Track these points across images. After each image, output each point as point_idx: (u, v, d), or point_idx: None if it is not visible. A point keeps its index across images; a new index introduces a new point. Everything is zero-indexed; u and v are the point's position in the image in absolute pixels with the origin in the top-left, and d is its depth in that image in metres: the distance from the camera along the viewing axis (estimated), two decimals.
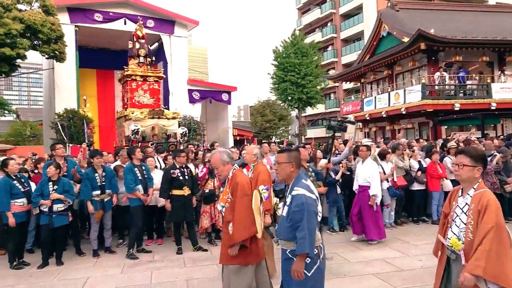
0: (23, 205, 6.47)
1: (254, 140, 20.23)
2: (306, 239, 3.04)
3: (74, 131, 15.65)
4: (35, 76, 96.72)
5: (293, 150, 3.55)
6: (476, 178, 2.91)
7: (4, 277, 5.88)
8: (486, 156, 3.10)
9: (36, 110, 41.48)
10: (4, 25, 13.99)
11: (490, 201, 2.75)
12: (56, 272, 6.00)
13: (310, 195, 3.18)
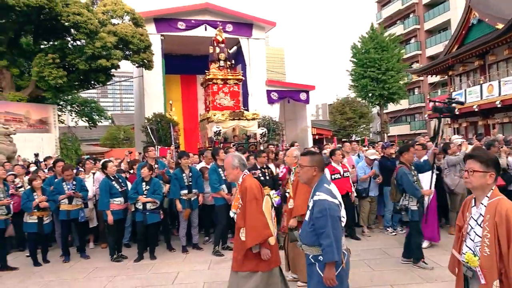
0: (121, 203, 7.05)
1: (333, 139, 19.91)
2: (333, 246, 2.97)
3: (162, 134, 16.67)
4: (126, 84, 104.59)
5: (316, 154, 3.47)
6: (489, 184, 2.62)
7: (106, 268, 6.47)
8: (498, 160, 2.75)
9: (128, 115, 44.87)
10: (101, 39, 15.34)
11: (510, 211, 2.45)
12: (150, 266, 6.45)
13: (333, 200, 3.11)
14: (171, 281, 5.68)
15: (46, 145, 16.34)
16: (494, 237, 2.47)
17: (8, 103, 15.67)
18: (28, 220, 6.94)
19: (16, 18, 15.35)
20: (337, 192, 3.25)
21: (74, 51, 16.17)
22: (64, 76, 15.58)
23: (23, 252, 7.77)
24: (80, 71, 16.26)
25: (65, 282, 5.95)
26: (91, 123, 24.47)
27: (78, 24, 15.13)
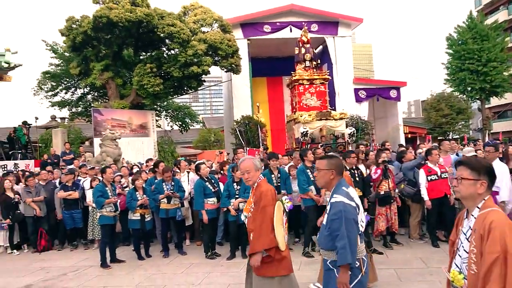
0: (214, 203, 7.38)
1: (427, 138, 18.75)
2: (347, 248, 2.84)
3: (250, 136, 17.08)
4: (215, 88, 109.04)
5: (334, 157, 3.35)
6: (480, 194, 2.32)
7: (201, 265, 6.82)
8: (492, 167, 2.39)
9: (218, 118, 46.75)
10: (192, 47, 16.21)
11: (494, 223, 2.13)
12: (242, 264, 6.64)
13: (350, 202, 2.98)
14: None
15: (146, 148, 17.69)
16: (479, 252, 2.17)
17: (113, 111, 17.27)
18: (132, 217, 7.59)
19: (119, 33, 16.84)
20: (356, 195, 3.12)
21: (169, 60, 17.28)
22: (161, 84, 16.74)
23: (128, 247, 8.50)
24: (174, 79, 17.32)
25: (166, 275, 6.38)
26: (184, 127, 25.92)
27: (172, 35, 16.14)
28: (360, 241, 3.07)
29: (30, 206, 8.80)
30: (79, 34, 16.62)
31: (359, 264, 3.02)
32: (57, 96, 23.36)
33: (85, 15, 16.91)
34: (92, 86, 19.52)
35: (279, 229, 3.61)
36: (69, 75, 21.48)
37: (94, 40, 17.32)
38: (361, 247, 3.07)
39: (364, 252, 3.12)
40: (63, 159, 14.23)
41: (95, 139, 16.17)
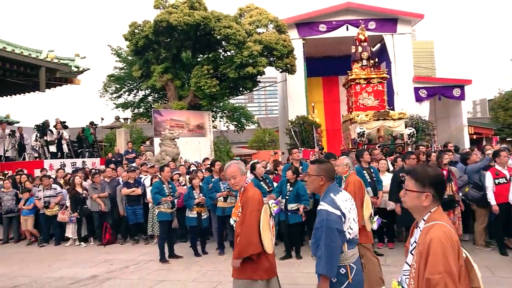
0: None
1: (494, 139, 17.59)
2: (323, 258, 2.80)
3: (305, 136, 16.98)
4: (270, 88, 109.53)
5: (325, 162, 3.29)
6: (425, 207, 2.20)
7: None
8: (439, 178, 2.26)
9: (272, 119, 46.94)
10: (248, 48, 16.42)
11: (433, 242, 2.00)
12: (296, 265, 6.64)
13: (334, 211, 2.90)
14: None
15: (202, 148, 18.16)
16: (418, 270, 2.06)
17: (172, 111, 17.91)
18: (189, 215, 7.83)
19: (178, 36, 17.44)
20: (344, 202, 3.01)
21: (225, 61, 17.62)
22: (217, 85, 17.12)
23: (186, 243, 8.76)
24: (230, 79, 17.64)
25: (221, 272, 6.51)
26: (240, 127, 26.28)
27: (228, 36, 16.44)
28: (350, 248, 3.00)
29: (96, 202, 9.35)
30: (141, 39, 17.41)
31: (345, 271, 2.95)
32: (121, 98, 24.66)
33: (146, 20, 17.69)
34: (153, 88, 20.35)
35: (265, 233, 3.63)
36: (132, 78, 22.58)
37: (155, 43, 18.06)
38: (350, 254, 2.99)
39: (354, 259, 3.02)
40: (126, 157, 14.95)
41: (155, 139, 16.85)
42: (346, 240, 2.98)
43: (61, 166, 13.37)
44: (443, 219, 2.18)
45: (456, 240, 2.05)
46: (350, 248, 3.01)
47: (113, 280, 6.50)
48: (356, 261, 3.06)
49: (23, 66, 14.69)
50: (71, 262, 7.84)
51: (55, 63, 15.59)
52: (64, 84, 17.69)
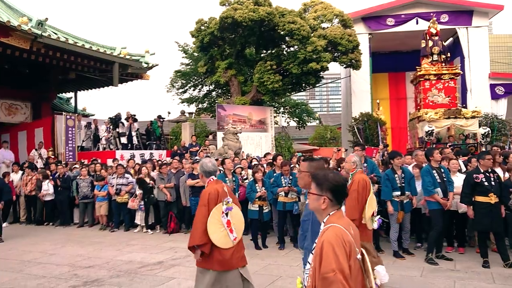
0: None
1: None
2: (309, 250, 2.79)
3: (369, 134, 16.53)
4: (332, 85, 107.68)
5: (315, 160, 3.48)
6: (324, 210, 2.34)
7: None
8: (338, 183, 2.35)
9: (334, 115, 46.17)
10: (312, 43, 16.27)
11: (325, 243, 2.12)
12: None
13: None
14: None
15: (263, 143, 18.30)
16: (314, 268, 2.18)
17: (235, 106, 18.22)
18: (251, 208, 7.93)
19: (242, 32, 17.68)
20: None
21: (288, 57, 17.58)
22: (280, 81, 17.15)
23: (246, 236, 8.89)
24: (293, 75, 17.59)
25: (281, 267, 6.53)
26: (301, 123, 26.14)
27: (292, 32, 16.39)
28: None
29: (162, 192, 9.77)
30: (207, 35, 17.88)
31: None
32: (186, 93, 25.55)
33: (212, 17, 18.12)
34: (217, 83, 20.83)
35: (213, 228, 3.99)
36: (197, 74, 23.29)
37: (220, 40, 18.46)
38: None
39: None
40: (190, 150, 15.46)
41: (218, 133, 17.26)
42: None
43: (130, 156, 14.11)
44: (340, 222, 2.25)
45: (348, 241, 2.14)
46: None
47: (178, 267, 6.76)
48: None
49: (99, 62, 15.69)
50: (139, 248, 8.27)
51: (127, 59, 16.47)
52: (135, 79, 18.67)
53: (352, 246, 2.14)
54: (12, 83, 15.93)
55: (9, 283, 6.02)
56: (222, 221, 4.07)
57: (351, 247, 2.13)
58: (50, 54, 13.91)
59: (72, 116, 15.68)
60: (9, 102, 16.31)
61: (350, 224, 2.31)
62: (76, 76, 16.76)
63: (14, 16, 13.50)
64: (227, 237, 4.09)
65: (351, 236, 2.18)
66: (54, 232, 10.50)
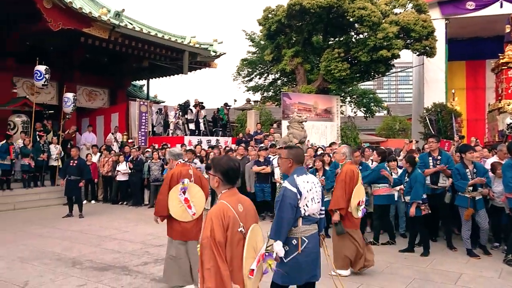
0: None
1: None
2: (274, 226, 3.32)
3: (442, 125, 15.62)
4: (401, 74, 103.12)
5: (294, 148, 3.81)
6: (217, 188, 2.73)
7: (381, 253, 6.61)
8: (229, 168, 2.68)
9: (403, 106, 44.25)
10: (383, 30, 15.60)
11: (207, 216, 2.54)
12: (428, 261, 6.20)
13: (291, 188, 3.35)
14: (453, 281, 5.29)
15: (329, 133, 17.99)
16: None
17: (301, 95, 18.07)
18: None
19: (310, 19, 17.39)
20: (305, 183, 3.39)
21: (357, 44, 17.02)
22: (348, 69, 16.68)
23: None
24: (362, 63, 17.03)
25: None
26: (369, 113, 25.35)
27: (362, 18, 15.80)
28: (304, 223, 3.38)
29: None
30: (274, 23, 17.82)
31: (296, 242, 3.36)
32: (252, 81, 25.74)
33: (280, 4, 18.01)
34: (283, 72, 20.74)
35: (172, 203, 4.88)
36: (263, 62, 23.34)
37: (287, 27, 18.31)
38: (303, 228, 3.38)
39: (307, 234, 3.39)
40: (255, 138, 15.62)
41: (283, 121, 17.24)
42: (301, 216, 3.38)
43: (198, 142, 14.57)
44: (229, 199, 2.61)
45: (229, 215, 2.49)
46: (305, 223, 3.41)
47: None
48: (310, 236, 3.42)
49: (170, 50, 16.29)
50: None
51: (196, 47, 16.95)
52: (203, 67, 19.17)
53: (232, 219, 2.49)
54: (93, 71, 17.05)
55: (89, 255, 6.52)
56: (180, 198, 4.86)
57: (230, 220, 2.48)
58: (126, 43, 14.67)
59: (145, 102, 16.51)
60: (90, 89, 17.49)
61: (239, 202, 2.63)
62: (149, 64, 17.56)
63: (95, 7, 14.35)
64: (185, 212, 4.89)
65: (235, 212, 2.53)
66: (127, 211, 11.19)
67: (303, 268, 3.39)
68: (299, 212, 3.35)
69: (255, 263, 2.58)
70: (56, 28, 11.89)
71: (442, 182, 7.11)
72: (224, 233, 2.44)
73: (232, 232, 2.48)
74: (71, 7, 12.05)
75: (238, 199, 2.67)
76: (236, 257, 2.51)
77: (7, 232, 8.30)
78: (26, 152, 11.81)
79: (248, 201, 2.76)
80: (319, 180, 7.56)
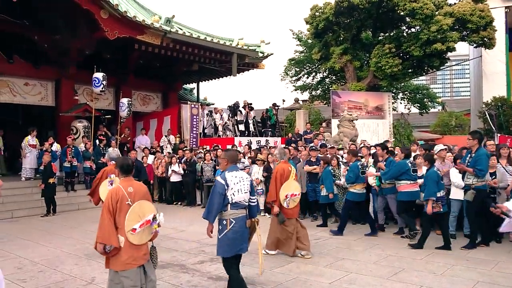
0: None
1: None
2: (206, 209, 4.47)
3: (503, 120, 14.78)
4: (457, 68, 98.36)
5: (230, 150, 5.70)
6: (119, 177, 4.36)
7: (441, 255, 6.36)
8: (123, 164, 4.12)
9: (459, 101, 42.17)
10: (436, 23, 14.97)
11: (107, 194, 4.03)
12: (493, 263, 5.89)
13: (221, 181, 4.41)
14: None
15: (381, 130, 17.55)
16: None
17: (350, 93, 17.76)
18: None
19: (358, 16, 17.08)
20: (233, 178, 4.42)
21: (409, 38, 16.45)
22: (399, 64, 16.18)
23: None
24: (414, 58, 16.46)
25: (403, 259, 6.23)
26: (423, 110, 24.42)
27: (414, 11, 15.28)
28: (232, 208, 4.40)
29: None
30: (322, 21, 17.64)
31: (226, 223, 4.41)
32: (300, 80, 25.66)
33: (327, 2, 17.80)
34: (331, 70, 20.49)
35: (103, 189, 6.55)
36: (311, 61, 23.18)
37: (335, 25, 18.07)
38: (230, 212, 4.41)
39: (234, 217, 4.41)
40: (304, 138, 15.55)
41: (332, 120, 17.04)
42: (229, 202, 4.39)
43: (248, 143, 14.72)
44: (123, 183, 3.95)
45: (118, 193, 3.85)
46: (233, 208, 4.42)
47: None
48: (237, 218, 4.43)
49: (219, 53, 16.58)
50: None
51: (244, 49, 17.12)
52: (251, 68, 19.33)
53: (121, 196, 3.82)
54: (146, 76, 17.72)
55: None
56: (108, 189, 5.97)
57: (119, 196, 3.82)
58: (177, 48, 15.11)
59: (196, 105, 16.91)
60: (144, 93, 18.19)
61: (130, 186, 3.93)
62: (199, 68, 17.97)
63: (147, 15, 14.92)
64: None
65: (124, 191, 3.85)
66: (181, 211, 11.53)
67: (232, 242, 4.41)
68: (227, 199, 4.38)
69: (138, 225, 3.80)
70: (113, 36, 12.49)
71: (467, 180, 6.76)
72: (115, 204, 3.80)
73: (121, 204, 3.80)
74: (126, 16, 12.60)
75: (130, 184, 3.96)
76: (123, 219, 3.78)
77: (74, 231, 8.84)
78: (88, 155, 12.51)
79: (140, 186, 4.05)
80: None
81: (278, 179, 6.41)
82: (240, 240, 4.45)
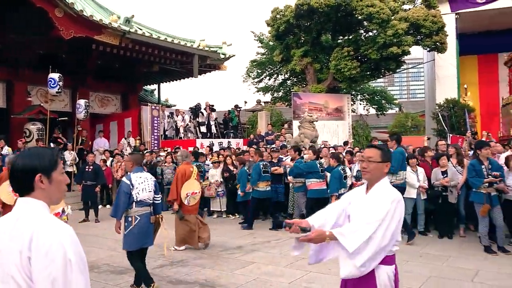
0: None
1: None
2: (113, 207, 4.97)
3: (455, 121, 15.50)
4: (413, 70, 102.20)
5: (134, 154, 6.26)
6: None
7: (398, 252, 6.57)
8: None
9: (415, 102, 43.85)
10: (392, 27, 15.49)
11: None
12: (444, 258, 6.16)
13: (126, 181, 4.80)
14: (470, 278, 5.25)
15: (340, 131, 17.94)
16: None
17: (311, 94, 18.06)
18: None
19: (318, 19, 17.38)
20: (137, 178, 4.84)
21: (367, 42, 16.93)
22: (357, 67, 16.60)
23: None
24: (372, 61, 16.95)
25: None
26: (381, 111, 25.20)
27: (371, 15, 15.73)
28: (137, 206, 4.80)
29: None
30: (282, 24, 17.84)
31: (131, 219, 4.80)
32: (262, 82, 25.82)
33: (288, 5, 18.02)
34: (292, 72, 20.76)
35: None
36: (272, 63, 23.40)
37: (295, 28, 18.33)
38: (135, 209, 4.81)
39: (139, 213, 4.82)
40: (266, 139, 15.65)
41: (294, 122, 17.25)
42: (134, 200, 4.78)
43: (209, 145, 14.65)
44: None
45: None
46: (138, 206, 4.82)
47: (257, 252, 6.94)
48: (141, 215, 4.84)
49: (180, 54, 16.43)
50: (220, 232, 8.59)
51: (206, 51, 17.05)
52: (213, 70, 19.28)
53: None
54: (104, 78, 17.27)
55: (106, 259, 6.61)
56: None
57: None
58: (137, 49, 14.84)
59: (156, 107, 16.66)
60: (102, 95, 17.72)
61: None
62: (159, 69, 17.73)
63: (105, 14, 14.57)
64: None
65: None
66: None
67: (137, 237, 4.82)
68: (132, 198, 4.77)
69: None
70: (68, 36, 12.11)
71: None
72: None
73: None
74: (82, 15, 12.25)
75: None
76: None
77: None
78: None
79: None
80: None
81: (179, 179, 6.95)
82: (145, 235, 4.89)
